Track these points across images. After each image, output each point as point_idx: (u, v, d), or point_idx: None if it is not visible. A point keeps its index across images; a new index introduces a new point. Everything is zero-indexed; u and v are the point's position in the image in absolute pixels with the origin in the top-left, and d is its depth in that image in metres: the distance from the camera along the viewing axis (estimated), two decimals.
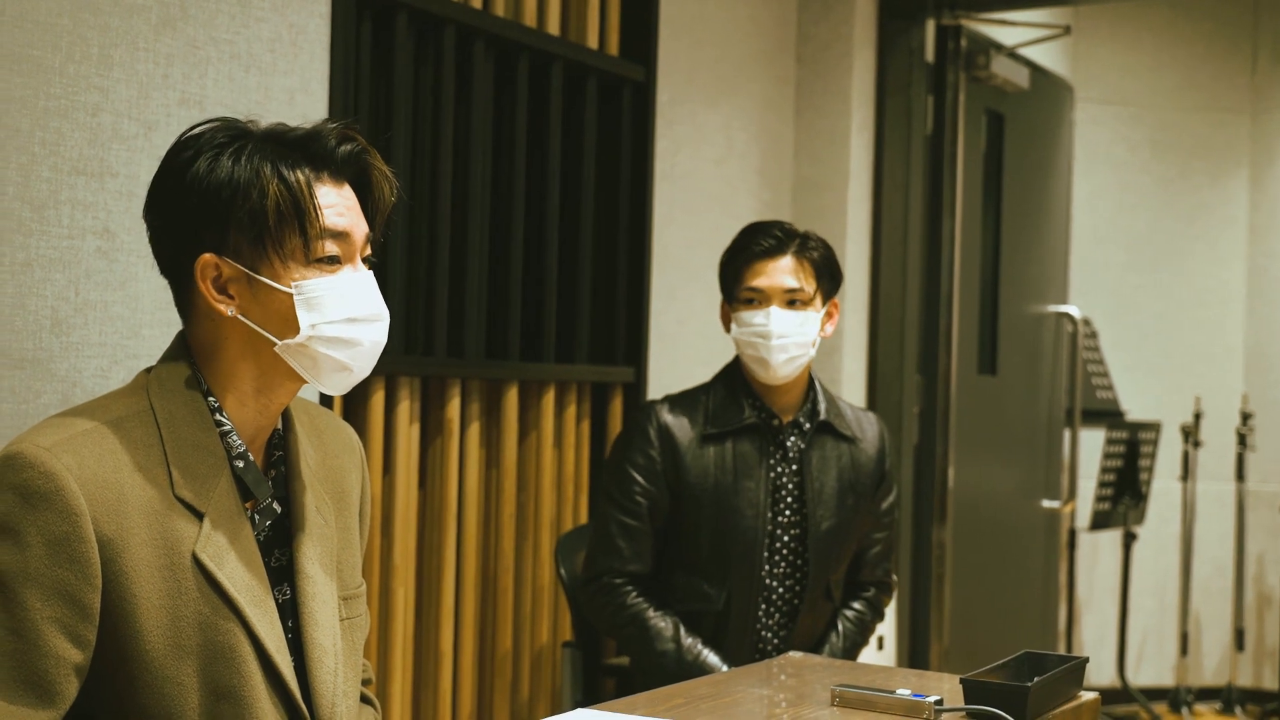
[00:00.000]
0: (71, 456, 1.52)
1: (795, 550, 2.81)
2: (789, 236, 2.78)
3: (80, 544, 1.51)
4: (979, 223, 4.82)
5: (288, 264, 1.63)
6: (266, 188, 1.61)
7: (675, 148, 3.75)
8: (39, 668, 1.49)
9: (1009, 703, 1.90)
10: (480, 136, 3.12)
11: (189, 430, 1.62)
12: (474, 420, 3.14)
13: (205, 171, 1.61)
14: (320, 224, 1.64)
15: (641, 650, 2.72)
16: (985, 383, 4.87)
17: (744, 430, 2.79)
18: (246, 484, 1.66)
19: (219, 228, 1.62)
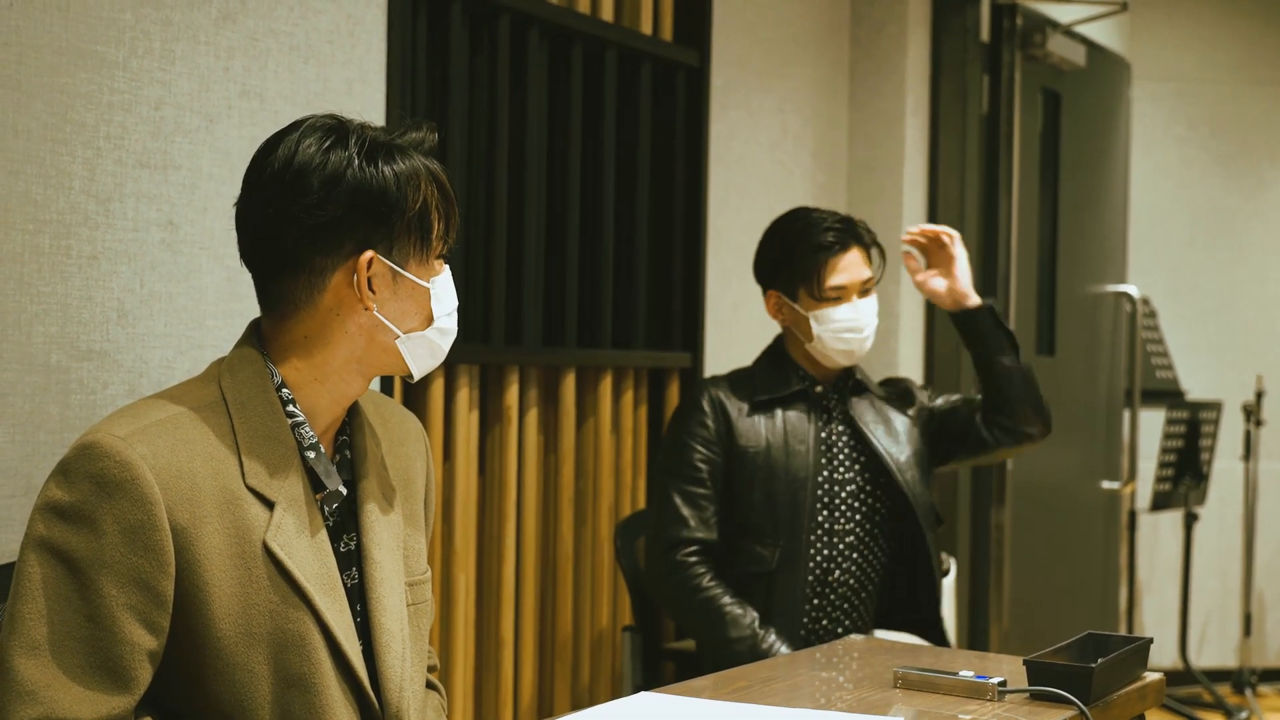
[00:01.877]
0: (146, 445, 1.55)
1: (859, 508, 2.87)
2: (847, 227, 2.85)
3: (154, 532, 1.53)
4: (1036, 203, 4.78)
5: (427, 261, 1.72)
6: (420, 185, 1.68)
7: (730, 132, 3.74)
8: (114, 654, 1.52)
9: (1073, 684, 1.90)
10: (535, 124, 3.13)
11: (261, 420, 1.65)
12: (532, 407, 3.16)
13: (360, 172, 1.64)
14: (452, 225, 1.73)
15: (711, 635, 2.74)
16: (1043, 363, 4.83)
17: (792, 397, 2.89)
18: (317, 474, 1.68)
19: (385, 228, 1.66)
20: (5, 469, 2.09)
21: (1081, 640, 2.11)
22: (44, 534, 1.54)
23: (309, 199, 1.64)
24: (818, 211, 2.89)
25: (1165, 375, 5.76)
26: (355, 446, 1.77)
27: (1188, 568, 5.55)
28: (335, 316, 1.68)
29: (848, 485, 2.87)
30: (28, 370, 2.12)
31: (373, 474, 1.76)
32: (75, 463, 1.55)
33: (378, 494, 1.76)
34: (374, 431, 1.81)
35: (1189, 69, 5.94)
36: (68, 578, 1.52)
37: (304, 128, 1.68)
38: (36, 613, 1.51)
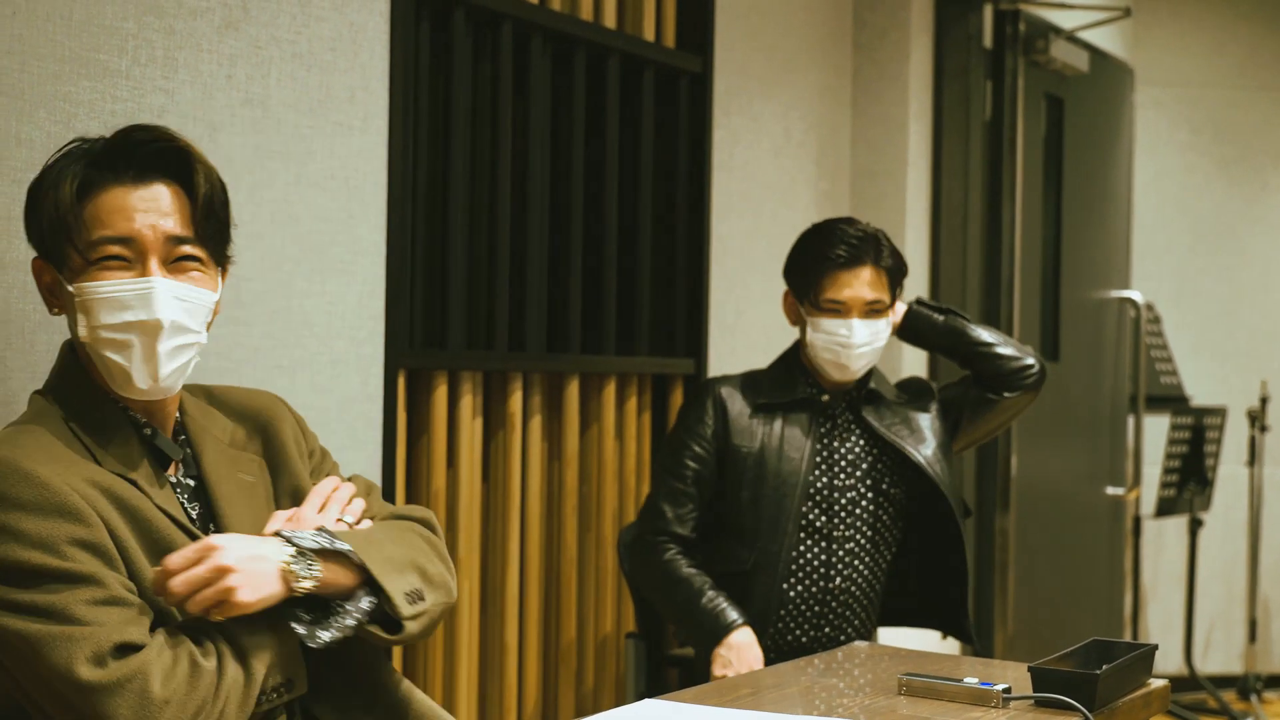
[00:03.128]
0: (11, 448, 1.63)
1: (862, 515, 2.87)
2: (864, 243, 2.83)
3: (64, 497, 1.59)
4: (1039, 208, 4.78)
5: (74, 269, 1.74)
6: (47, 196, 1.74)
7: (733, 138, 3.74)
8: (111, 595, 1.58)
9: (1078, 691, 1.90)
10: (538, 130, 3.13)
11: (91, 412, 1.73)
12: (536, 413, 3.16)
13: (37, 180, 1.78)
14: (86, 232, 1.73)
15: (665, 597, 2.82)
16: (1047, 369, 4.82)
17: (795, 405, 2.89)
18: (159, 448, 1.75)
19: (39, 234, 1.78)
20: None
21: (1086, 647, 2.10)
22: None
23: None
24: (850, 225, 2.87)
25: (1169, 381, 5.76)
26: (192, 438, 1.83)
27: (1193, 574, 5.54)
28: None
29: (848, 492, 2.87)
30: (32, 379, 2.12)
31: (219, 457, 1.83)
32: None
33: (230, 472, 1.82)
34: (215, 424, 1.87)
35: (1192, 74, 5.94)
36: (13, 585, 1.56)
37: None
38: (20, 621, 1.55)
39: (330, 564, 1.70)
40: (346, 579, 1.72)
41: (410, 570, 1.78)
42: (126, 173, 1.74)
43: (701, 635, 2.75)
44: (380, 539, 1.78)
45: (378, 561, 1.72)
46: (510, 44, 3.04)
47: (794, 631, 2.84)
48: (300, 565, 1.66)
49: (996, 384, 2.94)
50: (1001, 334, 2.99)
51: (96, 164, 1.74)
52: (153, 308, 1.71)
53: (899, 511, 2.92)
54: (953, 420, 2.98)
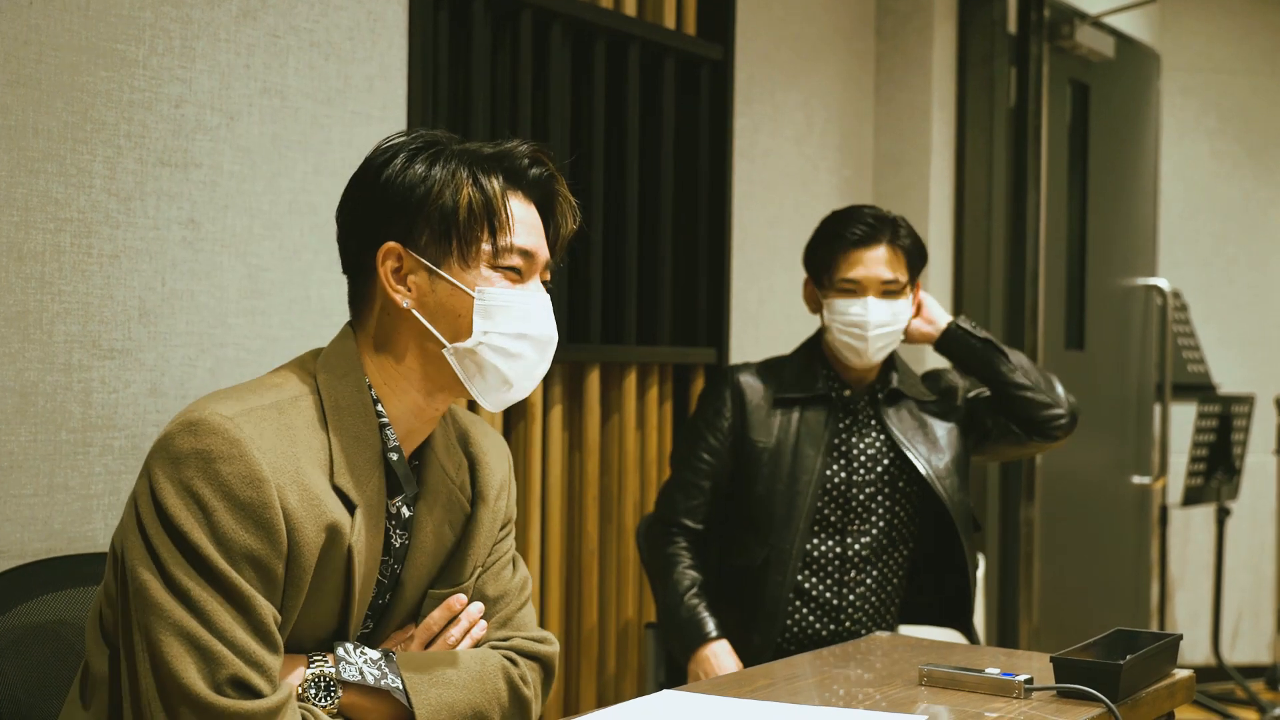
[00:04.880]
0: (252, 427, 1.54)
1: (879, 512, 2.84)
2: (881, 224, 2.80)
3: (266, 510, 1.52)
4: (1065, 196, 4.75)
5: (471, 266, 1.66)
6: (461, 187, 1.66)
7: (754, 126, 3.72)
8: (253, 620, 1.52)
9: (1101, 681, 1.87)
10: (558, 119, 3.12)
11: (352, 420, 1.65)
12: (557, 403, 3.15)
13: (399, 170, 1.66)
14: (510, 234, 1.67)
15: (658, 595, 2.87)
16: (1073, 358, 4.80)
17: (814, 399, 2.85)
18: (397, 477, 1.69)
19: (408, 221, 1.66)
20: (27, 467, 2.09)
21: (1110, 637, 2.08)
22: (153, 518, 1.52)
23: (353, 196, 1.70)
24: (866, 208, 2.84)
25: (1196, 369, 5.71)
26: (424, 469, 1.76)
27: (1220, 563, 5.50)
28: (388, 317, 1.69)
29: (865, 489, 2.84)
30: (49, 369, 2.12)
31: (434, 500, 1.76)
32: (179, 439, 1.53)
33: (432, 522, 1.75)
34: (446, 455, 1.79)
35: (1220, 60, 5.89)
36: (185, 560, 1.50)
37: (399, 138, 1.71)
38: (171, 600, 1.49)
39: (369, 699, 1.65)
40: (386, 718, 1.66)
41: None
42: (519, 186, 1.71)
43: (680, 643, 2.76)
44: (453, 677, 1.71)
45: (430, 706, 1.66)
46: (530, 32, 3.03)
47: (814, 626, 2.82)
48: (316, 692, 1.62)
49: (1024, 427, 2.90)
50: (1037, 372, 2.92)
51: (502, 170, 1.70)
52: (551, 324, 1.72)
53: (915, 509, 2.90)
54: (976, 436, 2.94)
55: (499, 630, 1.82)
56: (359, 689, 1.64)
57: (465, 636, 1.78)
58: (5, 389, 2.06)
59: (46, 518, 2.11)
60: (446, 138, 1.72)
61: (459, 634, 1.77)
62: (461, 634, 1.77)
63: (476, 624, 1.79)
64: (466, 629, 1.78)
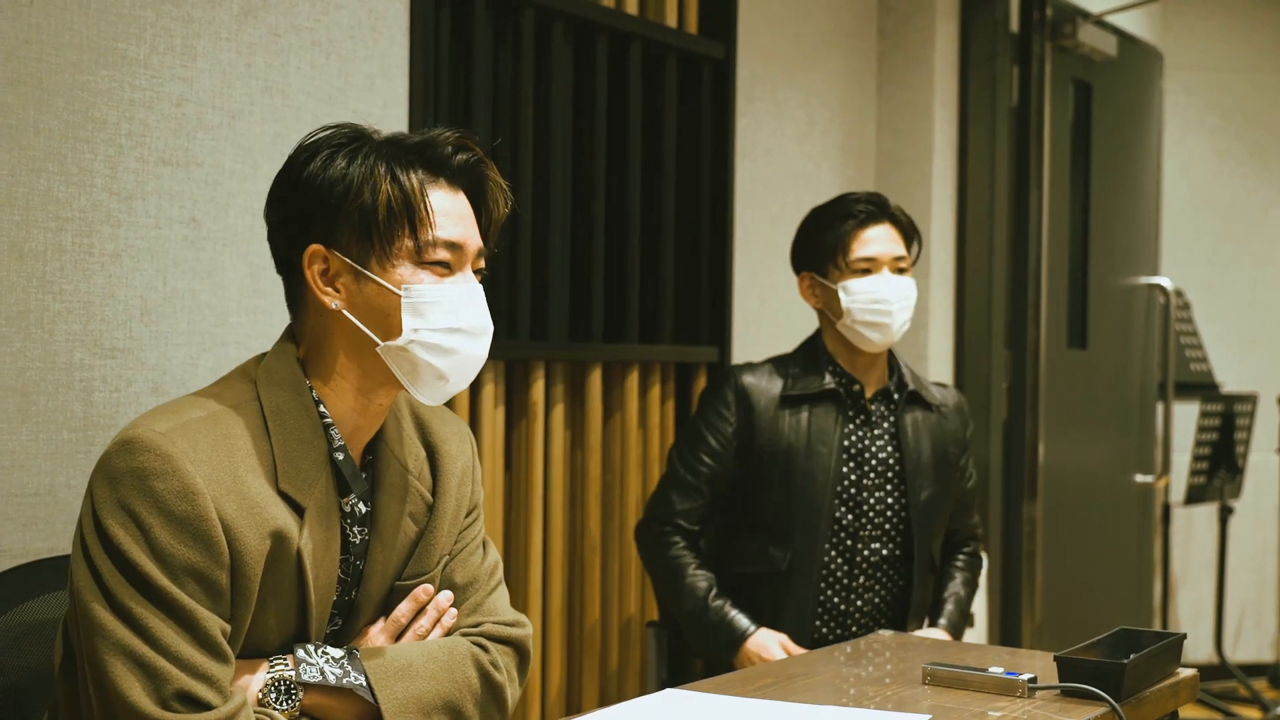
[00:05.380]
0: (186, 441, 1.54)
1: (890, 519, 2.81)
2: (880, 204, 2.79)
3: (202, 523, 1.52)
4: (1067, 194, 4.74)
5: (397, 264, 1.65)
6: (379, 185, 1.64)
7: (756, 125, 3.72)
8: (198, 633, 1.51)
9: (1105, 680, 1.87)
10: (560, 118, 3.11)
11: (295, 423, 1.64)
12: (558, 402, 3.14)
13: (320, 169, 1.65)
14: (432, 229, 1.66)
15: (673, 602, 2.80)
16: (1075, 356, 4.79)
17: (822, 397, 2.81)
18: (345, 476, 1.68)
19: (329, 221, 1.65)
20: (29, 467, 2.09)
21: (1114, 636, 2.08)
22: (94, 539, 1.52)
23: (277, 196, 1.69)
24: (851, 194, 2.83)
25: (1199, 368, 5.71)
26: (378, 465, 1.75)
27: (1223, 561, 5.50)
28: (320, 318, 1.68)
29: (876, 491, 2.80)
30: (50, 369, 2.12)
31: (394, 493, 1.75)
32: (116, 458, 1.53)
33: (394, 514, 1.75)
34: (401, 445, 1.78)
35: (1222, 59, 5.88)
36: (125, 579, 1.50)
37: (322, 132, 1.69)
38: (113, 620, 1.49)
39: (333, 698, 1.64)
40: (353, 716, 1.65)
41: (438, 712, 1.69)
42: (444, 175, 1.69)
43: (716, 644, 2.72)
44: (420, 668, 1.69)
45: (397, 701, 1.65)
46: (532, 30, 3.03)
47: (820, 631, 2.80)
48: (276, 696, 1.60)
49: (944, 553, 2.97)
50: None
51: (424, 161, 1.68)
52: (484, 315, 1.70)
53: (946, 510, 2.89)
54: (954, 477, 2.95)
55: (470, 617, 1.82)
56: (321, 689, 1.63)
57: (435, 626, 1.77)
58: (7, 388, 2.06)
59: (49, 517, 2.11)
60: (370, 131, 1.70)
61: (428, 624, 1.77)
62: (431, 624, 1.77)
63: (446, 613, 1.79)
64: (435, 619, 1.77)
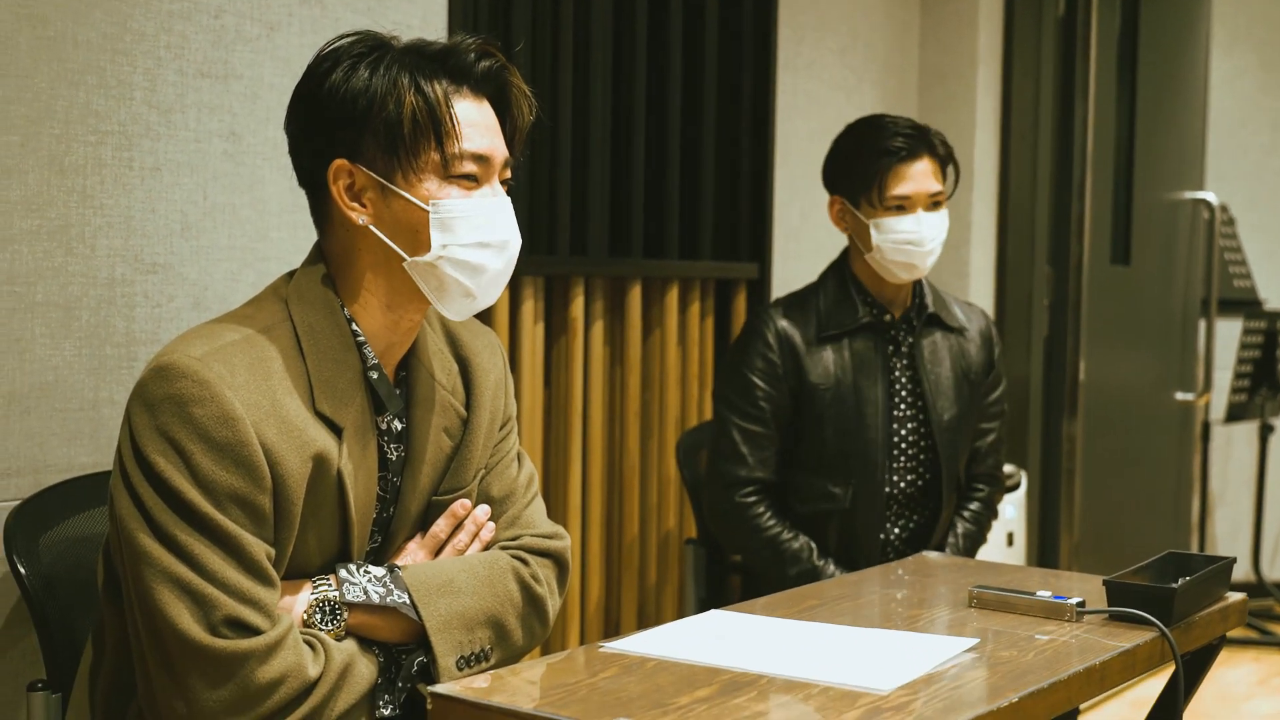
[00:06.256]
0: (222, 365, 1.53)
1: (916, 444, 2.78)
2: (919, 135, 2.71)
3: (243, 448, 1.51)
4: (1113, 107, 4.65)
5: (423, 178, 1.62)
6: (403, 97, 1.60)
7: (798, 36, 3.65)
8: (243, 559, 1.51)
9: (1154, 605, 1.85)
10: (600, 31, 3.06)
11: (328, 342, 1.62)
12: (598, 318, 3.12)
13: (341, 80, 1.61)
14: (459, 141, 1.62)
15: (776, 571, 2.70)
16: (1118, 273, 4.73)
17: (859, 329, 2.76)
18: (380, 396, 1.66)
19: (354, 135, 1.61)
20: (72, 382, 2.09)
21: (1162, 560, 2.06)
22: (135, 467, 1.51)
23: (298, 109, 1.65)
24: (891, 118, 2.75)
25: (1243, 284, 5.64)
26: (411, 380, 1.73)
27: (1262, 480, 5.46)
28: (347, 233, 1.66)
29: (907, 423, 2.77)
30: (92, 284, 2.11)
31: (429, 407, 1.73)
32: (152, 385, 1.52)
33: (434, 428, 1.73)
34: (436, 360, 1.77)
35: None
36: (169, 507, 1.49)
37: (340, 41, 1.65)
38: (159, 548, 1.48)
39: (378, 616, 1.63)
40: (399, 633, 1.65)
41: (481, 627, 1.68)
42: (467, 84, 1.65)
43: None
44: (462, 584, 1.68)
45: (440, 617, 1.64)
46: None
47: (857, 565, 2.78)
48: (321, 617, 1.60)
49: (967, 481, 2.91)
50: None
51: (447, 70, 1.63)
52: (511, 227, 1.68)
53: (969, 432, 2.85)
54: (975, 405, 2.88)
55: (507, 530, 1.81)
56: (365, 608, 1.63)
57: (473, 541, 1.77)
58: (50, 303, 2.05)
59: (93, 432, 2.11)
60: (390, 38, 1.66)
61: (466, 539, 1.76)
62: (469, 538, 1.76)
63: (484, 527, 1.78)
64: (474, 533, 1.77)
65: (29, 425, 2.03)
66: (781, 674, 1.58)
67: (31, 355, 2.03)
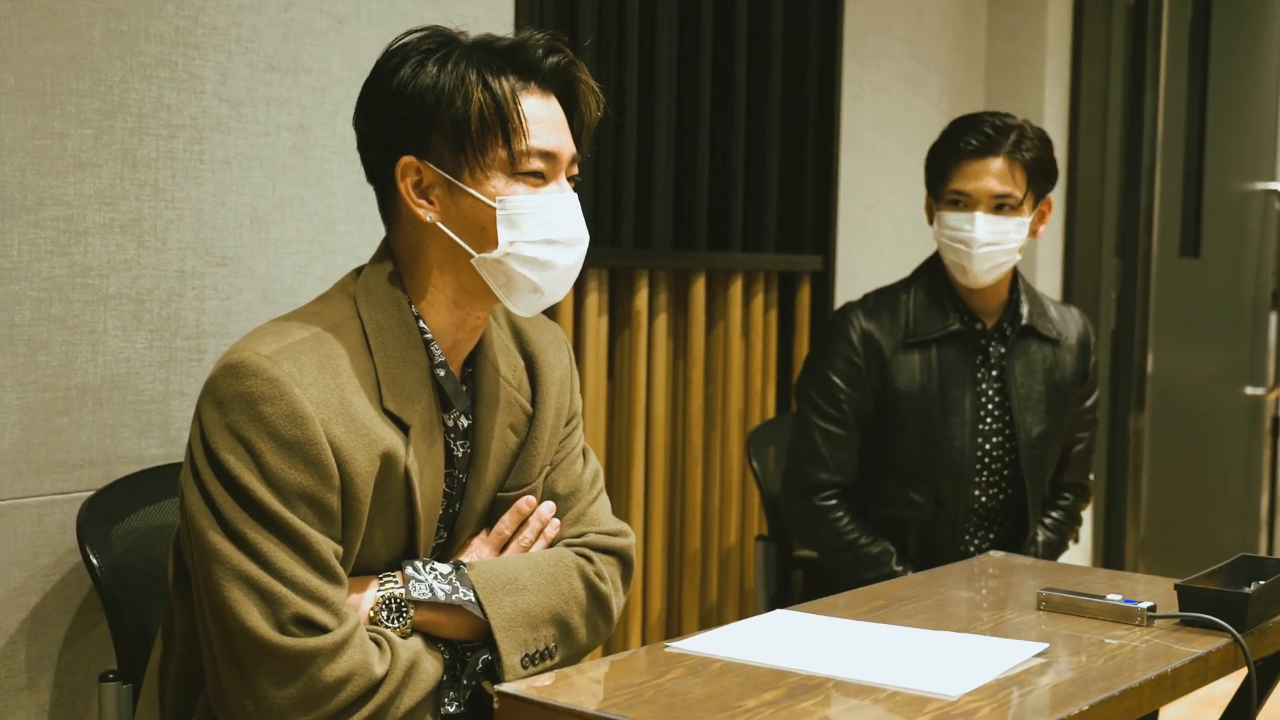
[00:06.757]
0: (292, 363, 1.53)
1: (1000, 459, 2.71)
2: (1001, 134, 2.60)
3: (312, 447, 1.52)
4: (1183, 96, 4.59)
5: (490, 175, 1.62)
6: (471, 94, 1.60)
7: (864, 25, 3.62)
8: (311, 557, 1.52)
9: (1226, 610, 1.83)
10: (665, 21, 3.05)
11: (396, 340, 1.63)
12: (662, 311, 3.12)
13: (410, 77, 1.61)
14: (526, 138, 1.62)
15: (854, 575, 2.63)
16: (1187, 265, 4.67)
17: (948, 337, 2.67)
18: (446, 393, 1.66)
19: (422, 132, 1.61)
20: (144, 374, 2.11)
21: (1234, 564, 2.03)
22: (205, 464, 1.53)
23: (366, 105, 1.66)
24: (989, 115, 2.65)
25: None
26: (477, 376, 1.73)
27: None
28: (415, 230, 1.66)
29: (992, 437, 2.69)
30: (163, 276, 2.12)
31: (495, 404, 1.73)
32: (222, 382, 1.53)
33: (499, 425, 1.73)
34: (505, 358, 1.77)
35: None
36: (238, 505, 1.50)
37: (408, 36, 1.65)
38: (228, 546, 1.50)
39: (444, 614, 1.64)
40: (464, 630, 1.65)
41: (546, 625, 1.68)
42: (535, 79, 1.65)
43: None
44: (527, 581, 1.68)
45: (505, 615, 1.64)
46: None
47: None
48: (388, 614, 1.60)
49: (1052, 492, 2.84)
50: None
51: (514, 65, 1.63)
52: (579, 224, 1.68)
53: (1057, 447, 2.78)
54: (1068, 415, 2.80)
55: (572, 527, 1.81)
56: (431, 605, 1.63)
57: (538, 538, 1.77)
58: (122, 296, 2.07)
59: (164, 424, 2.13)
60: (458, 33, 1.66)
61: (531, 536, 1.76)
62: (534, 536, 1.76)
63: (549, 524, 1.78)
64: (539, 530, 1.77)
65: (101, 417, 2.05)
66: (848, 677, 1.57)
67: (104, 348, 2.05)
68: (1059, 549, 2.84)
